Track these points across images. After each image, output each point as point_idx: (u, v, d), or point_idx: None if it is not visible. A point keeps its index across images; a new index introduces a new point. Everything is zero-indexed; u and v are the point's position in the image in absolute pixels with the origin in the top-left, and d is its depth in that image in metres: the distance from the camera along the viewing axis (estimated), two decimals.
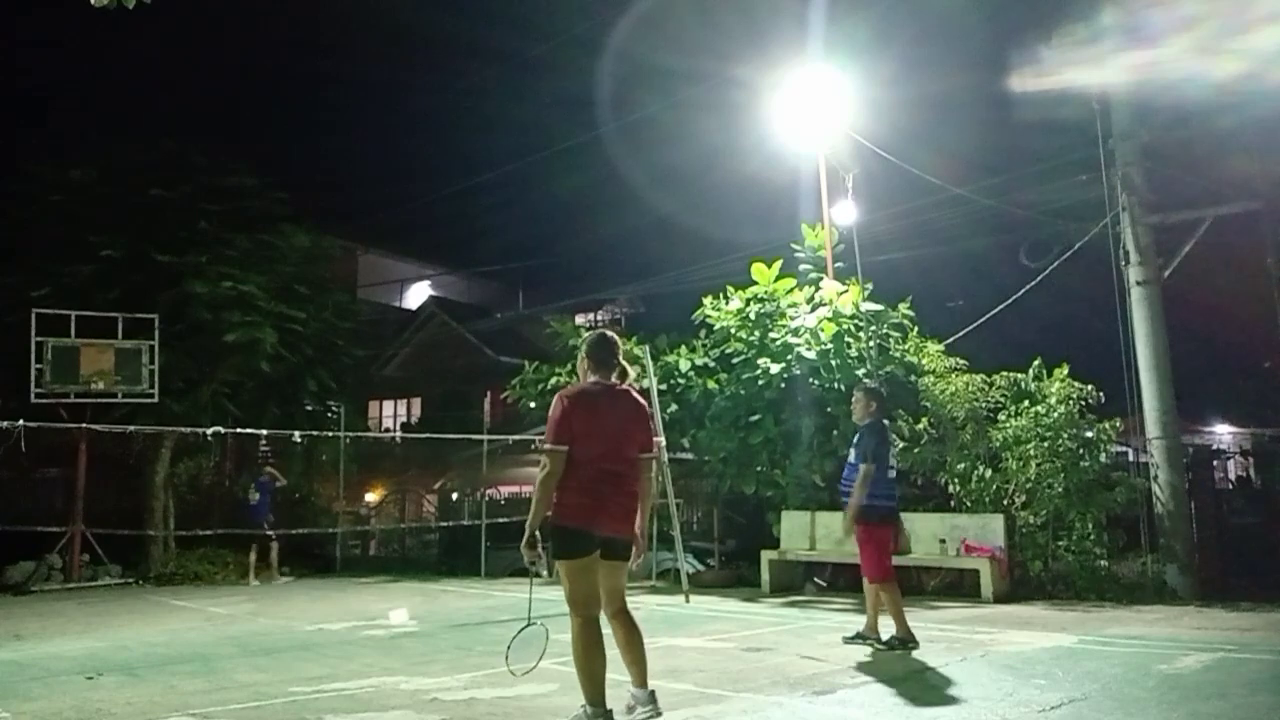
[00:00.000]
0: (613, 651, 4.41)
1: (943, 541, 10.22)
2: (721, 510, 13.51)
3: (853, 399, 7.43)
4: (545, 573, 4.80)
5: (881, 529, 6.89)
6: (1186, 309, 12.66)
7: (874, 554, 6.86)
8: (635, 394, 4.68)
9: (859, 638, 6.97)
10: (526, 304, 30.61)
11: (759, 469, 11.99)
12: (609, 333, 4.83)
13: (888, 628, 6.87)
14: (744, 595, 10.85)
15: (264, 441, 16.75)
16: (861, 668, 6.11)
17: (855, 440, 7.04)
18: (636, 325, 20.40)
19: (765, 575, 11.34)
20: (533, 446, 14.77)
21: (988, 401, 10.86)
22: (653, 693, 4.41)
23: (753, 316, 12.26)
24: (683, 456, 13.18)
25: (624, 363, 4.69)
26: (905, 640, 6.72)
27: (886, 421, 7.34)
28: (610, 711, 4.29)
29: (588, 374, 4.64)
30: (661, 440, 9.92)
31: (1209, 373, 19.92)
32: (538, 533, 4.34)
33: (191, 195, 15.31)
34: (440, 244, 39.16)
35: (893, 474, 7.10)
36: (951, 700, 5.11)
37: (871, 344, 11.78)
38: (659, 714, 4.39)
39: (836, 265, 12.73)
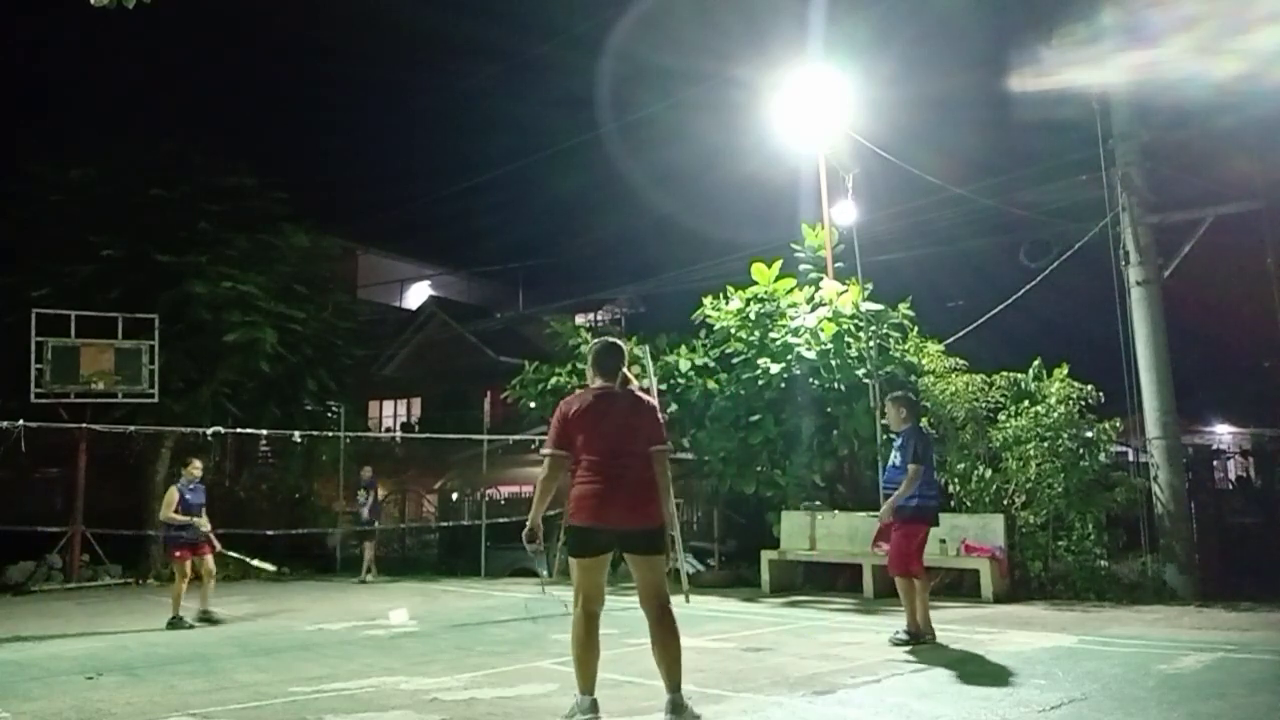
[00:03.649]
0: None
1: (943, 541, 10.20)
2: (721, 510, 13.50)
3: (886, 408, 7.69)
4: (546, 571, 4.95)
5: (919, 525, 7.05)
6: (1186, 309, 12.63)
7: (907, 549, 7.00)
8: (638, 393, 4.91)
9: (908, 635, 6.93)
10: (526, 304, 30.55)
11: (759, 469, 11.99)
12: (615, 341, 5.02)
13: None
14: (744, 595, 10.85)
15: (264, 441, 16.75)
16: (861, 668, 6.11)
17: (899, 444, 7.22)
18: (636, 325, 20.38)
19: (765, 575, 11.34)
20: (532, 446, 14.78)
21: (988, 401, 10.86)
22: (673, 701, 4.37)
23: (753, 316, 12.26)
24: (683, 457, 13.17)
25: (626, 372, 4.92)
26: (920, 635, 6.82)
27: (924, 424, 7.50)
28: (595, 701, 4.46)
29: (593, 379, 4.85)
30: None
31: (1209, 373, 19.88)
32: (539, 528, 4.72)
33: (191, 195, 15.33)
34: (440, 244, 39.10)
35: (933, 474, 7.31)
36: (951, 700, 5.11)
37: (871, 344, 11.77)
38: None
39: (836, 265, 12.73)
